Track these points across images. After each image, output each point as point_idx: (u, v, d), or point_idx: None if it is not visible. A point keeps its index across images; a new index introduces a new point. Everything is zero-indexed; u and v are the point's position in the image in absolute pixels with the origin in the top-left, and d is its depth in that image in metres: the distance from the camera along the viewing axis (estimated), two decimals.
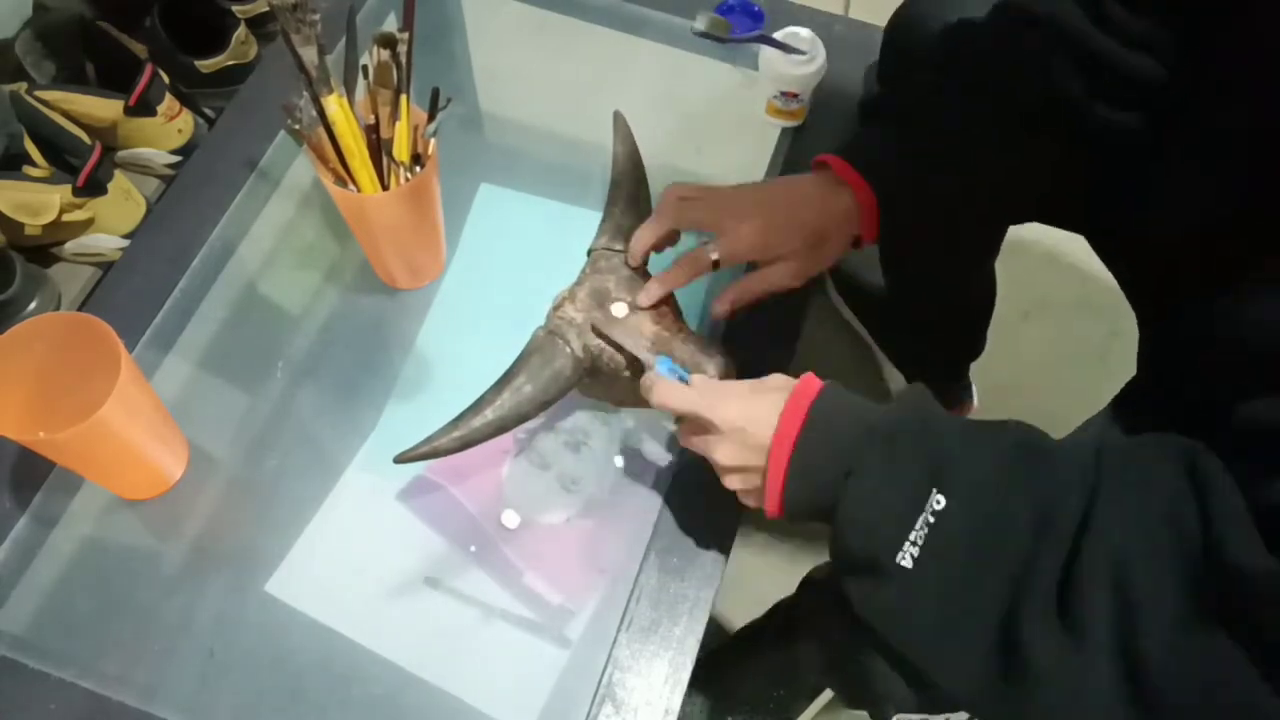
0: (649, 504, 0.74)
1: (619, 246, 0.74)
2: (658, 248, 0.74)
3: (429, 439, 0.66)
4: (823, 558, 0.87)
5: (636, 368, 0.69)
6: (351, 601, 0.70)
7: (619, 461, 0.76)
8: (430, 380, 0.80)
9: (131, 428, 0.66)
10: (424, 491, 0.74)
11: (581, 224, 0.88)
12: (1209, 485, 0.47)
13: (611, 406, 0.78)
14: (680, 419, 0.66)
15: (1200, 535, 0.46)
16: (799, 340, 0.81)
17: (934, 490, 0.53)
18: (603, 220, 0.77)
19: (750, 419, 0.60)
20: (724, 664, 1.06)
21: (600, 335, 0.69)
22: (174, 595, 0.70)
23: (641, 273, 0.73)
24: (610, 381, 0.71)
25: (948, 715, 0.66)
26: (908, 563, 0.54)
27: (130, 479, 0.72)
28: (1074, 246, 0.81)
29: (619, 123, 0.82)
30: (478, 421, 0.67)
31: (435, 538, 0.73)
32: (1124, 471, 0.51)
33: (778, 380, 0.62)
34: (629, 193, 0.78)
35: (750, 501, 0.64)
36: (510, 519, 0.73)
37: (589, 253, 0.75)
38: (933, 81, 0.74)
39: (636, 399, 0.75)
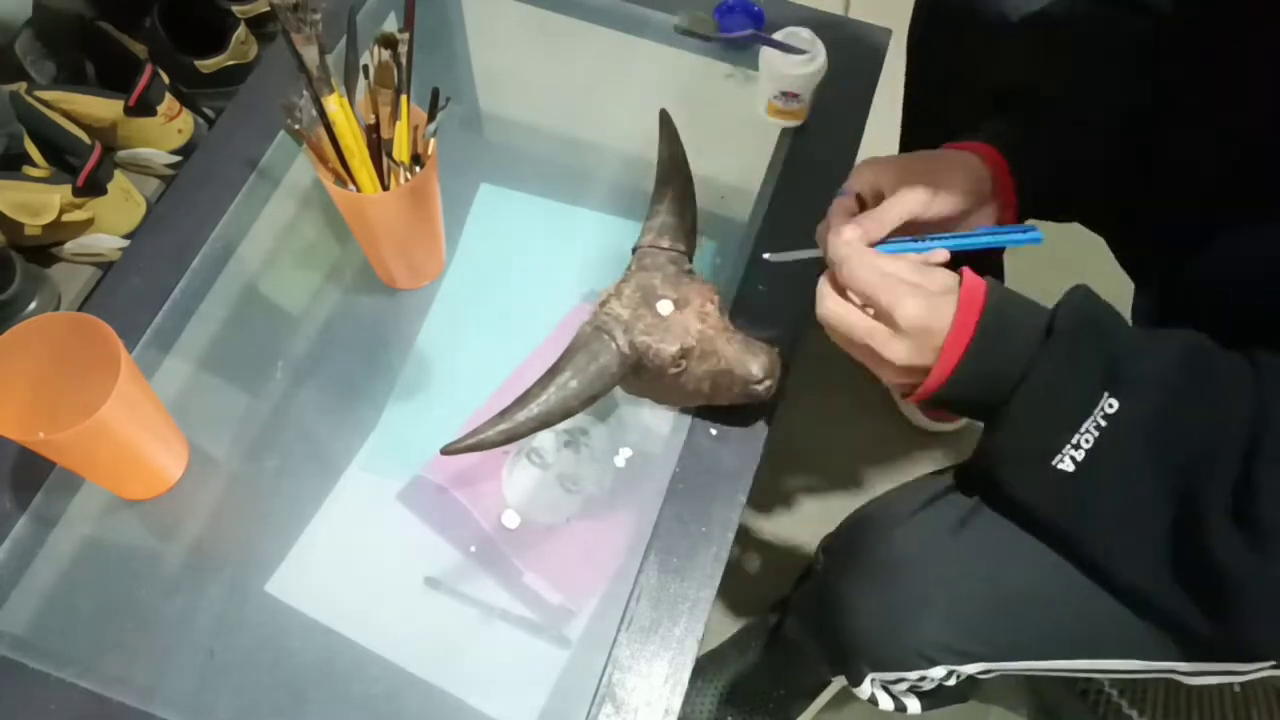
0: (649, 504, 0.74)
1: (664, 244, 0.74)
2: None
3: (474, 432, 0.66)
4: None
5: (680, 365, 0.69)
6: (351, 601, 0.70)
7: (619, 461, 0.76)
8: (430, 380, 0.80)
9: (131, 428, 0.66)
10: (424, 492, 0.74)
11: (581, 224, 0.88)
12: None
13: (655, 404, 0.78)
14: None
15: None
16: (799, 338, 0.81)
17: (1105, 393, 0.54)
18: (648, 218, 0.77)
19: (936, 317, 0.58)
20: (724, 664, 1.06)
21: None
22: (174, 595, 0.70)
23: (685, 271, 0.74)
24: (654, 378, 0.71)
25: (923, 672, 0.66)
26: (1067, 465, 0.54)
27: (130, 479, 0.72)
28: (1074, 246, 0.81)
29: (665, 121, 0.82)
30: (522, 416, 0.66)
31: (435, 538, 0.73)
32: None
33: (942, 280, 0.61)
34: (675, 191, 0.78)
35: (903, 390, 0.63)
36: (510, 519, 0.73)
37: (634, 250, 0.76)
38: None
39: (680, 397, 0.75)
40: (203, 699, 0.66)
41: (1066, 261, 1.41)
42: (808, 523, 1.20)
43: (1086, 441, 0.54)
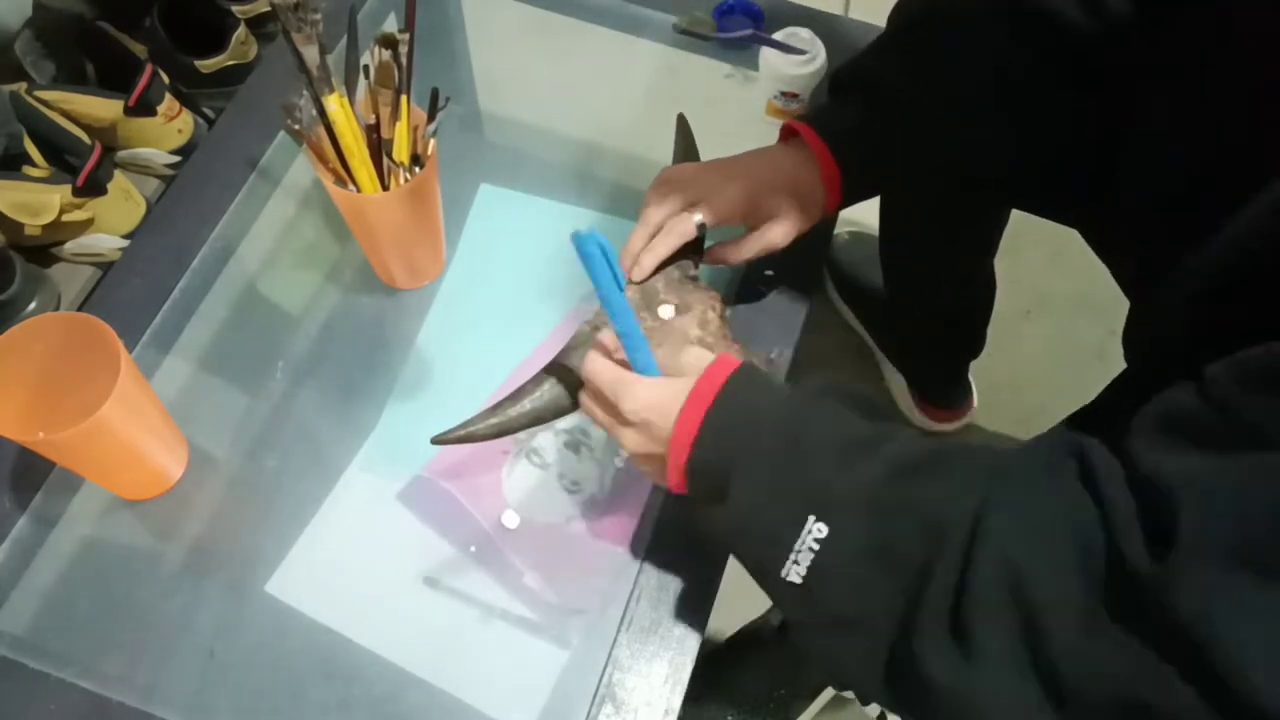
0: (649, 504, 0.74)
1: None
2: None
3: (465, 424, 0.66)
4: None
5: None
6: (351, 601, 0.70)
7: (619, 461, 0.76)
8: (430, 380, 0.80)
9: (131, 428, 0.66)
10: (424, 492, 0.74)
11: (582, 224, 0.88)
12: (1101, 486, 0.47)
13: None
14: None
15: (1099, 538, 0.46)
16: (799, 340, 0.81)
17: (812, 518, 0.53)
18: None
19: (657, 409, 0.60)
20: (724, 664, 1.06)
21: None
22: (174, 595, 0.70)
23: (690, 277, 0.74)
24: None
25: None
26: (795, 578, 0.54)
27: (130, 479, 0.72)
28: (1074, 246, 0.81)
29: (681, 125, 0.82)
30: (515, 411, 0.66)
31: (435, 538, 0.73)
32: (1015, 478, 0.51)
33: (689, 359, 0.63)
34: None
35: (656, 480, 0.65)
36: (510, 519, 0.73)
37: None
38: (900, 52, 0.75)
39: None
40: (203, 699, 0.66)
41: (1066, 259, 1.41)
42: None
43: (804, 559, 0.54)
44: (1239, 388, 0.44)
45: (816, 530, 0.53)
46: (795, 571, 0.54)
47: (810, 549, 0.53)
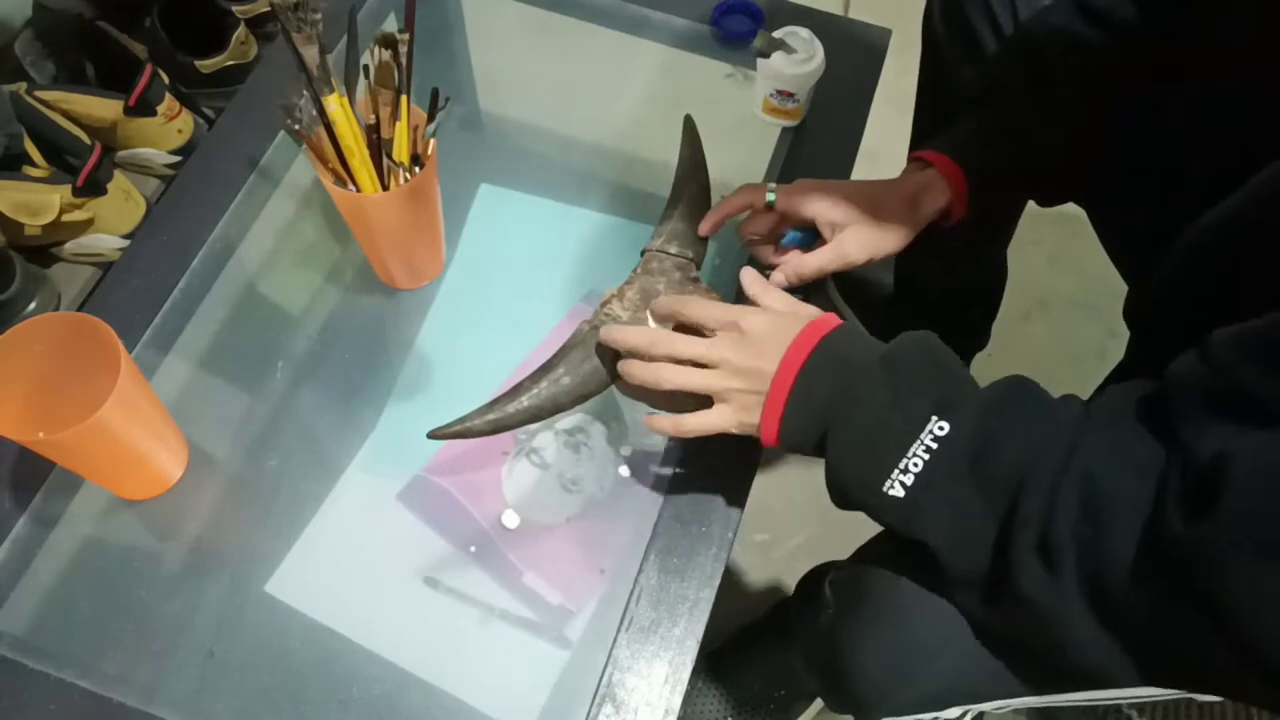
0: (649, 504, 0.74)
1: (673, 250, 0.74)
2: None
3: (462, 419, 0.66)
4: (820, 559, 0.88)
5: None
6: (351, 601, 0.70)
7: (619, 461, 0.76)
8: (430, 380, 0.80)
9: (131, 428, 0.66)
10: (424, 491, 0.75)
11: (582, 224, 0.88)
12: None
13: (648, 408, 0.77)
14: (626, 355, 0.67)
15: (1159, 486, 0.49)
16: None
17: (935, 417, 0.56)
18: (660, 222, 0.77)
19: (778, 329, 0.62)
20: (724, 664, 1.06)
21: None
22: (174, 595, 0.70)
23: (691, 278, 0.73)
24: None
25: (935, 715, 0.66)
26: (897, 491, 0.56)
27: (130, 479, 0.72)
28: (1074, 246, 0.81)
29: (688, 127, 0.82)
30: (512, 407, 0.66)
31: (435, 538, 0.73)
32: (1109, 414, 0.54)
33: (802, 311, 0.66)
34: (691, 198, 0.77)
35: (744, 417, 0.64)
36: (510, 519, 0.73)
37: (642, 253, 0.75)
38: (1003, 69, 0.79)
39: (674, 403, 0.74)
40: (203, 699, 0.66)
41: (1066, 259, 1.41)
42: (808, 522, 1.20)
43: (915, 465, 0.56)
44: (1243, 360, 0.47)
45: (937, 429, 0.56)
46: (901, 482, 0.56)
47: (928, 448, 0.56)
